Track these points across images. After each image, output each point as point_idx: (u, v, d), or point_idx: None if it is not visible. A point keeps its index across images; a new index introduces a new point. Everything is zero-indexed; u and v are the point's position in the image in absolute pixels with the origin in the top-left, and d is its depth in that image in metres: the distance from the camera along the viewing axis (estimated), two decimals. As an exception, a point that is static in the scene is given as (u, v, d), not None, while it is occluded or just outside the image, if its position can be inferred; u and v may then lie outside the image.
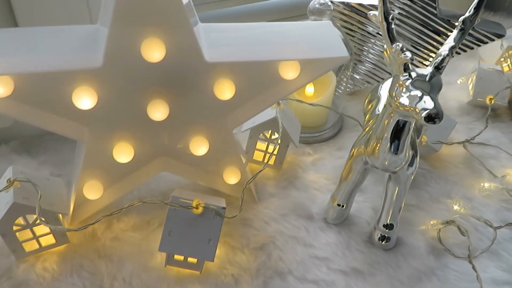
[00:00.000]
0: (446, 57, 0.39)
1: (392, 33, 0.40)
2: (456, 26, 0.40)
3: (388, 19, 0.39)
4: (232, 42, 0.45)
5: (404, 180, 0.51)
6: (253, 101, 0.48)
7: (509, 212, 0.61)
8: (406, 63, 0.39)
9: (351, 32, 0.74)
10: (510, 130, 0.75)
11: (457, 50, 0.69)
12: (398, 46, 0.39)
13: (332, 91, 0.70)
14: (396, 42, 0.40)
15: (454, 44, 0.40)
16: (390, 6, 0.69)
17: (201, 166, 0.54)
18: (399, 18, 0.70)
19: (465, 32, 0.40)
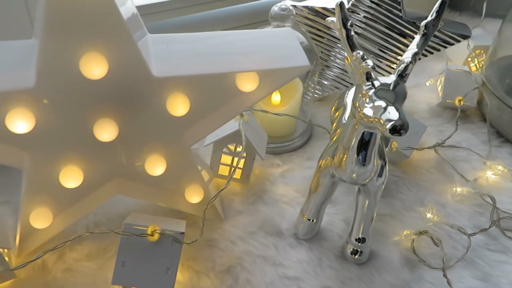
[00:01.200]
0: (409, 64, 0.37)
1: (352, 40, 0.37)
2: (419, 31, 0.38)
3: (347, 25, 0.37)
4: (184, 54, 0.41)
5: (374, 192, 0.48)
6: (211, 115, 0.45)
7: (482, 217, 0.59)
8: (368, 72, 0.37)
9: (317, 37, 0.72)
10: (480, 131, 0.74)
11: (423, 53, 0.68)
12: (358, 54, 0.37)
13: (299, 99, 0.67)
14: (357, 50, 0.37)
15: (417, 50, 0.38)
16: (356, 9, 0.68)
17: (160, 186, 0.51)
18: (365, 22, 0.68)
19: (428, 37, 0.38)
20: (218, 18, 0.69)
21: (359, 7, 0.67)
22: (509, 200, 0.62)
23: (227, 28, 0.69)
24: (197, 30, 0.66)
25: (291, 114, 0.67)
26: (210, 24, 0.68)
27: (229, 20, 0.70)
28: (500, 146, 0.72)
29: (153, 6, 0.60)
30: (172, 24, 0.65)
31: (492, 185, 0.64)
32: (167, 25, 0.65)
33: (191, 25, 0.67)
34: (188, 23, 0.67)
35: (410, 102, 0.81)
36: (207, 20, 0.68)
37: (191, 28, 0.67)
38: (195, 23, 0.67)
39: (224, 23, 0.69)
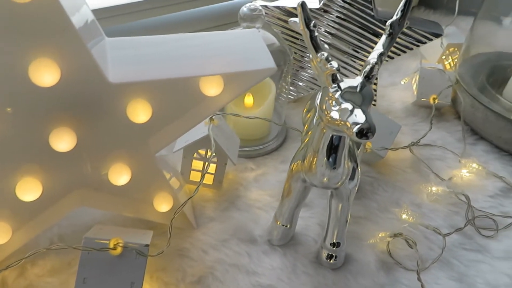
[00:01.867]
0: (375, 65, 0.36)
1: (316, 41, 0.36)
2: (384, 31, 0.37)
3: (310, 26, 0.36)
4: (144, 59, 0.40)
5: (346, 195, 0.47)
6: (176, 121, 0.43)
7: (458, 216, 0.59)
8: (333, 74, 0.36)
9: (290, 38, 0.71)
10: (455, 129, 0.74)
11: (397, 52, 0.68)
12: (323, 56, 0.36)
13: (272, 100, 0.66)
14: (321, 51, 0.36)
15: (383, 50, 0.37)
16: (329, 9, 0.67)
17: (127, 195, 0.49)
18: (338, 22, 0.68)
19: (394, 37, 0.37)
20: (186, 20, 0.67)
21: (331, 7, 0.66)
22: (483, 198, 0.62)
23: (195, 30, 0.67)
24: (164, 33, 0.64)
25: (265, 116, 0.66)
26: (177, 26, 0.66)
27: (197, 21, 0.68)
28: (475, 143, 0.72)
29: (117, 8, 0.58)
30: (137, 27, 0.63)
31: (467, 183, 0.64)
32: (132, 28, 0.63)
33: (158, 28, 0.65)
34: (155, 26, 0.65)
35: (385, 101, 0.80)
36: (175, 23, 0.66)
37: (158, 31, 0.65)
38: (162, 26, 0.65)
39: (192, 25, 0.67)
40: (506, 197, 0.63)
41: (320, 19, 0.68)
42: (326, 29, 0.68)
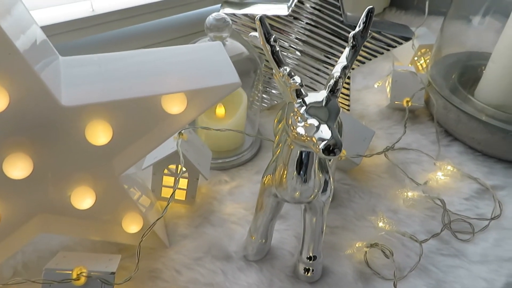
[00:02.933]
0: (339, 79, 0.35)
1: (277, 56, 0.35)
2: (348, 43, 0.36)
3: (270, 41, 0.34)
4: (100, 78, 0.38)
5: (320, 208, 0.46)
6: (138, 141, 0.41)
7: (434, 221, 0.59)
8: (297, 89, 0.35)
9: (261, 45, 0.69)
10: (429, 131, 0.74)
11: (368, 57, 0.67)
12: (285, 71, 0.34)
13: (244, 110, 0.65)
14: (284, 66, 0.35)
15: (347, 63, 0.36)
16: (299, 16, 0.66)
17: (94, 218, 0.47)
18: (309, 29, 0.67)
19: (357, 49, 0.36)
20: (149, 32, 0.65)
21: (301, 13, 0.65)
22: (459, 201, 0.62)
23: (160, 41, 0.65)
24: (126, 47, 0.63)
25: (238, 125, 0.64)
26: (141, 38, 0.64)
27: (162, 33, 0.66)
28: (449, 145, 0.72)
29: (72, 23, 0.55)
30: (96, 42, 0.61)
31: (442, 186, 0.64)
32: (90, 43, 0.60)
33: (120, 42, 0.63)
34: (116, 40, 0.62)
35: (359, 105, 0.80)
36: (138, 35, 0.63)
37: (120, 45, 0.63)
38: (124, 39, 0.63)
39: (156, 36, 0.65)
40: (481, 198, 0.63)
41: (291, 26, 0.67)
42: (297, 36, 0.67)
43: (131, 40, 0.63)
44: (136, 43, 0.63)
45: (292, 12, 0.65)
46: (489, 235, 0.57)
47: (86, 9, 0.57)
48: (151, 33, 0.65)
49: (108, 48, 0.61)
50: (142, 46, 0.63)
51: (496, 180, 0.66)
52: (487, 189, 0.64)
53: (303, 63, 0.70)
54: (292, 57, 0.70)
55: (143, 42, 0.64)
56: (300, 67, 0.70)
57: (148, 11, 0.62)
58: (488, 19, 0.74)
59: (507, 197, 0.63)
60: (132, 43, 0.63)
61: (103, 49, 0.61)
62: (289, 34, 0.67)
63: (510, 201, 0.62)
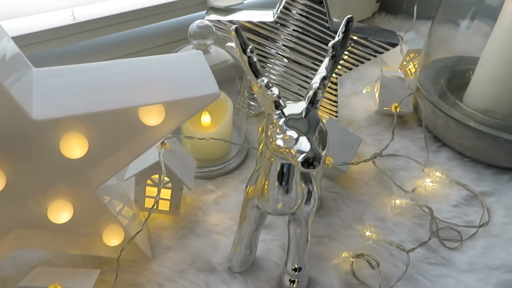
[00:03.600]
0: (318, 90, 0.34)
1: (255, 67, 0.34)
2: (327, 53, 0.36)
3: (247, 52, 0.34)
4: (76, 89, 0.37)
5: (304, 219, 0.45)
6: (116, 153, 0.40)
7: (422, 229, 0.58)
8: (276, 100, 0.34)
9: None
10: (418, 137, 0.74)
11: (355, 63, 0.67)
12: (263, 82, 0.34)
13: (230, 118, 0.64)
14: (261, 77, 0.34)
15: (326, 74, 0.35)
16: (285, 23, 0.65)
17: (73, 231, 0.46)
18: (296, 36, 0.66)
19: (337, 59, 0.35)
20: (132, 39, 0.64)
21: (287, 20, 0.64)
22: (447, 208, 0.61)
23: (144, 49, 0.64)
24: (108, 56, 0.62)
25: (224, 133, 0.64)
26: (122, 46, 0.63)
27: (146, 40, 0.65)
28: (438, 151, 0.72)
29: (53, 31, 0.54)
30: (77, 50, 0.59)
31: (431, 193, 0.64)
32: (71, 51, 0.59)
33: (101, 50, 0.62)
34: (97, 48, 0.61)
35: (348, 111, 0.79)
36: (121, 42, 0.62)
37: (101, 54, 0.62)
38: (106, 47, 0.62)
39: (140, 44, 0.64)
40: (469, 205, 0.62)
41: (277, 33, 0.66)
42: (284, 43, 0.66)
43: (114, 48, 0.62)
44: (118, 51, 0.62)
45: (279, 19, 0.64)
46: (477, 243, 0.57)
47: (67, 17, 0.56)
48: (134, 41, 0.64)
49: (90, 56, 0.60)
50: (125, 54, 0.63)
51: (485, 186, 0.65)
52: (476, 195, 0.63)
53: (291, 70, 0.69)
54: (279, 64, 0.69)
55: (126, 50, 0.63)
56: (288, 74, 0.69)
57: (131, 19, 0.61)
58: (475, 23, 0.74)
59: (496, 204, 0.63)
60: (115, 51, 0.62)
61: (85, 57, 0.60)
62: (276, 41, 0.66)
63: (498, 208, 0.62)
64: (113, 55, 0.62)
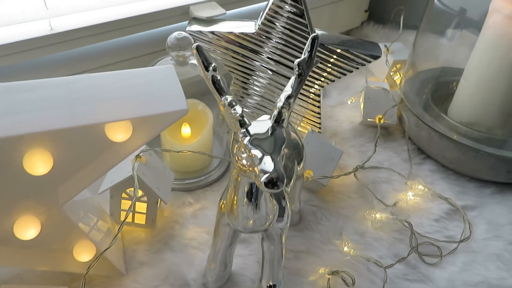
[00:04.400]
0: (282, 109, 0.34)
1: (219, 84, 0.34)
2: (293, 71, 0.35)
3: (209, 69, 0.33)
4: (40, 105, 0.36)
5: (278, 235, 0.45)
6: (84, 170, 0.39)
7: (402, 244, 0.57)
8: (241, 119, 0.33)
9: (232, 64, 0.67)
10: (402, 149, 0.73)
11: (336, 75, 0.66)
12: (226, 100, 0.33)
13: (211, 129, 0.63)
14: (225, 95, 0.34)
15: (291, 92, 0.34)
16: (270, 36, 0.64)
17: (42, 247, 0.45)
18: (280, 48, 0.65)
19: (303, 77, 0.35)
20: (110, 50, 0.63)
21: (270, 32, 0.64)
22: (428, 222, 0.61)
23: (123, 59, 0.64)
24: (87, 65, 0.61)
25: (203, 146, 0.63)
26: (101, 56, 0.62)
27: (125, 50, 0.64)
28: (421, 163, 0.71)
29: (30, 42, 0.54)
30: (55, 61, 0.59)
31: (412, 207, 0.63)
32: (48, 62, 0.58)
33: (80, 60, 0.61)
34: (76, 58, 0.60)
35: (333, 122, 0.79)
36: (98, 53, 0.62)
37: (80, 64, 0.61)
38: (85, 58, 0.61)
39: (119, 54, 0.63)
40: (451, 219, 0.62)
41: (260, 45, 0.65)
42: (267, 55, 0.66)
43: (92, 59, 0.61)
44: (97, 61, 0.62)
45: (260, 30, 0.64)
46: (457, 259, 0.56)
47: (44, 27, 0.56)
48: (114, 51, 0.63)
49: (69, 67, 0.60)
50: (103, 64, 0.62)
51: (468, 200, 0.65)
52: (458, 209, 0.63)
53: (275, 82, 0.68)
54: (264, 76, 0.68)
55: (105, 61, 0.62)
56: (272, 86, 0.69)
57: (110, 29, 0.61)
58: (460, 33, 0.73)
59: (478, 218, 0.62)
60: (93, 61, 0.62)
61: (64, 68, 0.60)
62: (259, 53, 0.66)
63: (480, 222, 0.61)
64: (91, 66, 0.61)
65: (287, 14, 0.62)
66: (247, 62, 0.67)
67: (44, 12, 0.55)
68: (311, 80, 0.67)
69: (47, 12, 0.55)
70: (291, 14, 0.62)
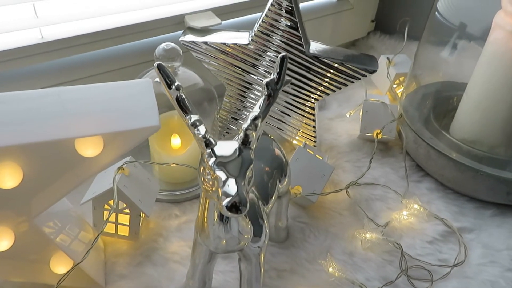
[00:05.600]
0: (246, 131, 0.33)
1: (183, 103, 0.33)
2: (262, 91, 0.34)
3: (172, 87, 0.32)
4: (10, 118, 0.36)
5: (254, 255, 0.43)
6: (55, 183, 0.39)
7: (391, 266, 0.55)
8: (205, 139, 0.32)
9: (226, 75, 0.66)
10: (400, 165, 0.71)
11: (332, 88, 0.64)
12: (190, 120, 0.32)
13: (201, 141, 0.62)
14: (190, 115, 0.33)
15: (258, 114, 0.33)
16: (267, 49, 0.63)
17: (19, 257, 0.45)
18: (274, 60, 0.63)
19: (272, 98, 0.34)
20: (101, 59, 0.63)
21: (268, 46, 0.62)
22: (421, 244, 0.58)
23: (114, 69, 0.63)
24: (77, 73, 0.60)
25: (193, 157, 0.62)
26: (91, 66, 0.62)
27: (116, 60, 0.64)
28: (420, 180, 0.69)
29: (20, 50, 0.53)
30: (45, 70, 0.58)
31: (406, 227, 0.61)
32: (38, 70, 0.58)
33: (70, 69, 0.60)
34: (67, 67, 0.59)
35: (330, 135, 0.77)
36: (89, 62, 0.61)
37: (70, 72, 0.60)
38: (75, 66, 0.60)
39: (109, 64, 0.63)
40: (445, 241, 0.59)
41: (255, 57, 0.64)
42: (264, 68, 0.64)
43: (84, 68, 0.61)
44: (88, 71, 0.61)
45: (253, 42, 0.63)
46: (449, 284, 0.54)
47: (35, 36, 0.56)
48: (105, 61, 0.63)
49: (59, 76, 0.60)
50: (94, 73, 0.62)
51: (465, 221, 0.62)
52: (454, 231, 0.60)
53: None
54: (260, 90, 0.67)
55: (96, 70, 0.62)
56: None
57: (103, 38, 0.61)
58: (463, 46, 0.71)
59: (475, 241, 0.59)
60: (85, 71, 0.61)
61: (54, 77, 0.60)
62: (256, 66, 0.65)
63: (476, 246, 0.59)
64: (82, 75, 0.61)
65: (281, 26, 0.61)
66: (243, 74, 0.66)
67: (34, 21, 0.55)
68: (307, 94, 0.66)
69: (37, 21, 0.55)
70: (285, 26, 0.61)
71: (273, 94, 0.33)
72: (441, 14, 0.68)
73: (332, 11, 0.92)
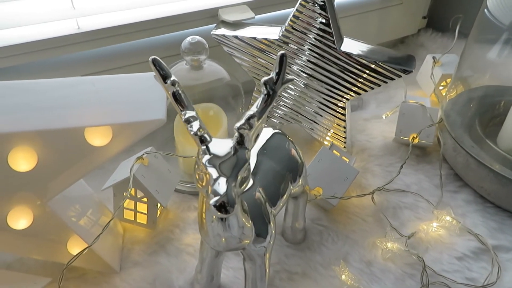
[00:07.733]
0: (239, 130, 0.32)
1: (180, 97, 0.32)
2: (261, 91, 0.33)
3: (167, 82, 0.32)
4: (27, 106, 0.38)
5: (259, 256, 0.43)
6: (67, 169, 0.41)
7: (411, 279, 0.52)
8: (200, 136, 0.32)
9: (254, 69, 0.65)
10: (435, 173, 0.66)
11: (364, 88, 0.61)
12: (184, 116, 0.32)
13: (225, 134, 0.62)
14: (185, 110, 0.32)
15: (254, 113, 0.32)
16: (301, 50, 0.61)
17: (40, 236, 0.47)
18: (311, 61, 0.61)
19: (271, 96, 0.32)
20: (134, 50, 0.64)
21: (294, 40, 0.61)
22: (449, 260, 0.54)
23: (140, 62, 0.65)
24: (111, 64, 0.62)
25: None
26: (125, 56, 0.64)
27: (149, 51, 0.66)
28: (457, 191, 0.64)
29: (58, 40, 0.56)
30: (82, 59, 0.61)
31: (434, 239, 0.57)
32: (75, 59, 0.61)
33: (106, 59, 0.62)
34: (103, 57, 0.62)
35: (364, 136, 0.74)
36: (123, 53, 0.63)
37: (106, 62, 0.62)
38: (110, 57, 0.62)
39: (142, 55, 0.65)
40: (476, 259, 0.55)
41: (294, 58, 0.62)
42: (298, 67, 0.63)
43: (116, 58, 0.63)
44: (120, 61, 0.63)
45: (283, 37, 0.61)
46: (474, 306, 0.50)
47: (72, 26, 0.59)
48: (138, 52, 0.64)
49: (94, 65, 0.62)
50: (126, 64, 0.64)
51: (503, 239, 0.57)
52: (488, 249, 0.55)
53: (304, 94, 0.65)
54: (295, 89, 0.65)
55: (127, 61, 0.64)
56: (302, 99, 0.66)
57: (137, 30, 0.62)
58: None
59: (511, 262, 0.54)
60: (117, 61, 0.63)
61: (90, 66, 0.62)
62: (289, 64, 0.63)
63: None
64: (115, 65, 0.63)
65: (312, 21, 0.59)
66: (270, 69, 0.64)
67: (71, 12, 0.57)
68: (340, 93, 0.63)
69: (74, 12, 0.57)
70: (317, 22, 0.59)
71: (272, 94, 0.32)
72: (490, 12, 0.62)
73: (379, 6, 0.87)
